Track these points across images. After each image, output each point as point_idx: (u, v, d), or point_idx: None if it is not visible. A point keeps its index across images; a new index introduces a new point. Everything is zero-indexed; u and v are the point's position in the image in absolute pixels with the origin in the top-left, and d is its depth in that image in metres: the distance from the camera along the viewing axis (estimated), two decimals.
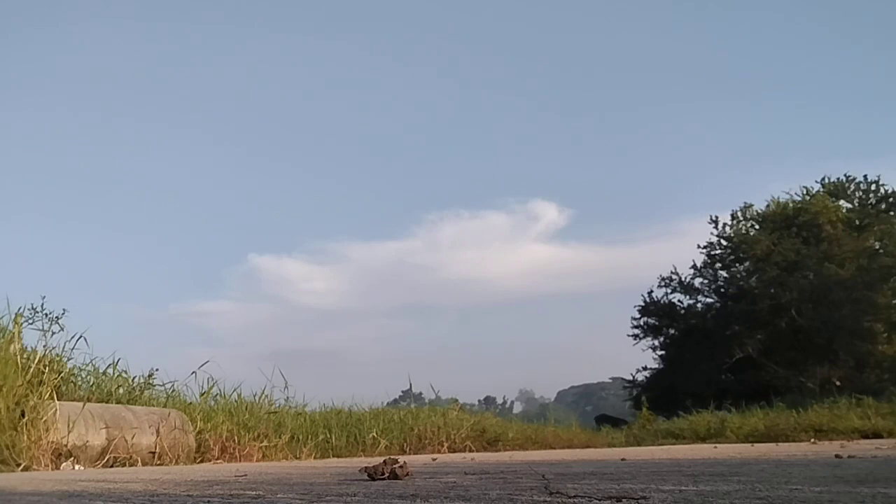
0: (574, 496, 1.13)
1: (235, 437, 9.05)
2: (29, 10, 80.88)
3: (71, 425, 7.07)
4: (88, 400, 8.05)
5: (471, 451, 12.26)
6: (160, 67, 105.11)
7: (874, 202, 29.05)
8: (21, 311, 8.15)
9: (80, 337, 8.54)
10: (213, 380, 10.30)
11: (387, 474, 2.13)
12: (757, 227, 30.22)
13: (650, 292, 31.83)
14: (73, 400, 7.86)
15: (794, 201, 29.67)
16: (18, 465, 6.52)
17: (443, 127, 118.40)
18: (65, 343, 8.37)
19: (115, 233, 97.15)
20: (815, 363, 25.35)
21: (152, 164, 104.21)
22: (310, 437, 10.44)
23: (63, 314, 8.38)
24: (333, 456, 10.49)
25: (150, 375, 9.67)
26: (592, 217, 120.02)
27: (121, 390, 9.13)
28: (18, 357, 7.38)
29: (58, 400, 7.26)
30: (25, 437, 6.70)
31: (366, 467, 2.04)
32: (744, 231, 30.37)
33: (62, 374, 7.98)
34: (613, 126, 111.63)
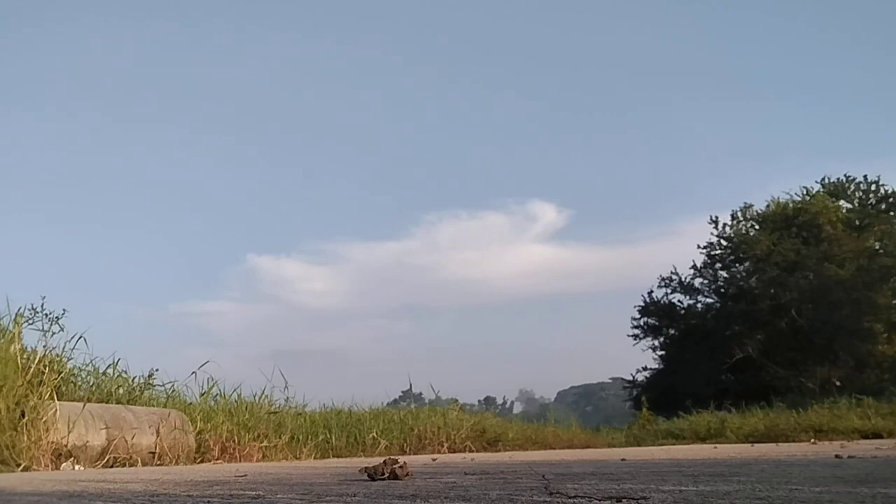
0: (574, 496, 1.13)
1: (235, 438, 9.04)
2: (28, 9, 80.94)
3: (71, 425, 7.07)
4: (88, 400, 8.04)
5: (471, 451, 12.26)
6: (160, 67, 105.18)
7: (874, 202, 29.05)
8: (21, 311, 8.15)
9: (80, 337, 8.54)
10: (213, 380, 10.29)
11: (387, 474, 2.13)
12: (757, 227, 30.21)
13: (650, 292, 31.85)
14: (73, 400, 7.86)
15: (794, 201, 29.67)
16: (18, 465, 6.52)
17: (441, 127, 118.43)
18: (65, 343, 8.37)
19: (115, 233, 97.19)
20: (815, 363, 25.34)
21: (152, 164, 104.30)
22: (310, 437, 10.43)
23: (63, 314, 8.38)
24: (333, 456, 10.49)
25: (150, 376, 9.67)
26: (591, 217, 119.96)
27: (121, 390, 9.12)
28: (18, 357, 7.37)
29: (58, 400, 7.26)
30: (25, 437, 6.70)
31: (366, 467, 2.04)
32: (744, 231, 30.36)
33: (62, 375, 7.98)
34: (612, 126, 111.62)
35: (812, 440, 12.83)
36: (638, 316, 31.99)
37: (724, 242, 30.61)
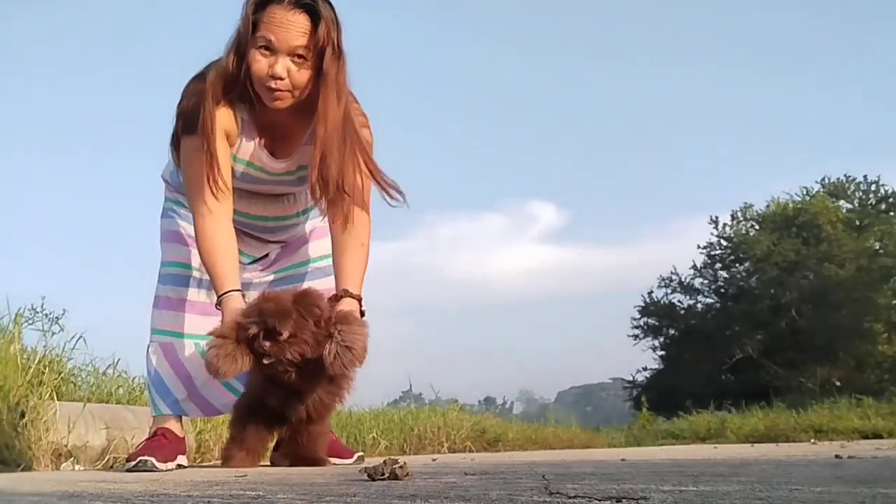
0: (574, 496, 1.13)
1: None
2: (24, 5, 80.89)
3: (71, 426, 7.06)
4: (88, 400, 8.03)
5: (471, 451, 12.25)
6: (159, 68, 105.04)
7: (874, 202, 29.07)
8: (21, 311, 8.13)
9: (80, 337, 8.52)
10: None
11: (387, 475, 2.14)
12: (757, 227, 30.23)
13: (650, 293, 31.85)
14: (73, 400, 7.86)
15: (794, 201, 29.69)
16: (18, 465, 6.53)
17: (440, 128, 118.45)
18: (65, 343, 8.35)
19: (116, 233, 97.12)
20: (815, 363, 25.33)
21: (152, 164, 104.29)
22: None
23: (63, 314, 8.36)
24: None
25: None
26: (591, 217, 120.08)
27: (121, 391, 9.09)
28: (18, 357, 7.37)
29: (58, 400, 7.26)
30: (25, 437, 6.71)
31: (366, 467, 2.04)
32: (744, 231, 30.39)
33: (62, 375, 7.97)
34: (612, 126, 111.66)
35: (812, 440, 12.80)
36: (638, 316, 32.00)
37: (724, 242, 30.64)
